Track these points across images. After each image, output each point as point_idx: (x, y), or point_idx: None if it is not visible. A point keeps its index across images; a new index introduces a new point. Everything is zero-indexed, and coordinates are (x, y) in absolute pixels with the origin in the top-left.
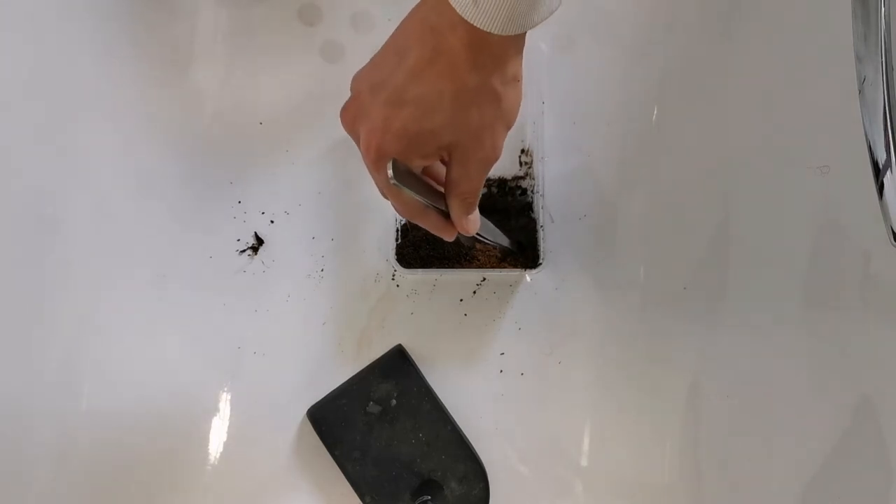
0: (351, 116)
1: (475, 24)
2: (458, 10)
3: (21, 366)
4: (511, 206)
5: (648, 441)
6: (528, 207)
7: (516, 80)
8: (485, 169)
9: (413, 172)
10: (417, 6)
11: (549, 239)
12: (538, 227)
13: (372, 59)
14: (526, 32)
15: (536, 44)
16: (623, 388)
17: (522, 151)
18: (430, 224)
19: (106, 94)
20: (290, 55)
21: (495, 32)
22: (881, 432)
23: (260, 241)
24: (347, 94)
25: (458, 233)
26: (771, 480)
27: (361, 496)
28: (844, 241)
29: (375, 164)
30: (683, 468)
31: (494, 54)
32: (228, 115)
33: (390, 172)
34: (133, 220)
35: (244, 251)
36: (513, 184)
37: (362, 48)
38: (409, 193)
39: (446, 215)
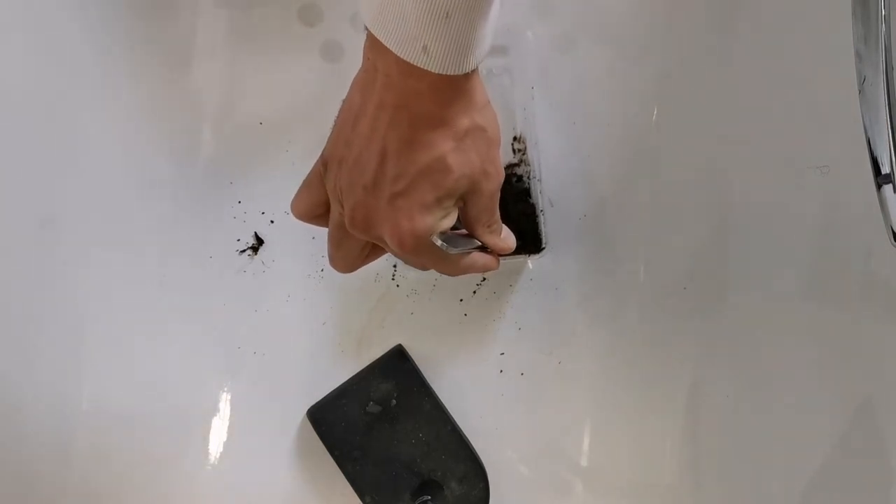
0: (362, 225)
1: (432, 70)
2: (411, 61)
3: (21, 366)
4: (508, 194)
5: (648, 441)
6: (526, 193)
7: (487, 102)
8: (496, 193)
9: (448, 233)
10: (361, 91)
11: (549, 240)
12: (538, 211)
13: (339, 158)
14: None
15: (523, 32)
16: (623, 388)
17: (515, 139)
18: (481, 265)
19: (106, 94)
20: (290, 55)
21: (455, 73)
22: (881, 432)
23: (260, 241)
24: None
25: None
26: (771, 480)
27: (361, 496)
28: (844, 242)
29: (416, 250)
30: (683, 468)
31: (462, 92)
32: (228, 114)
33: (439, 242)
34: (133, 220)
35: (244, 251)
36: (508, 171)
37: (362, 48)
38: (457, 252)
39: (481, 248)
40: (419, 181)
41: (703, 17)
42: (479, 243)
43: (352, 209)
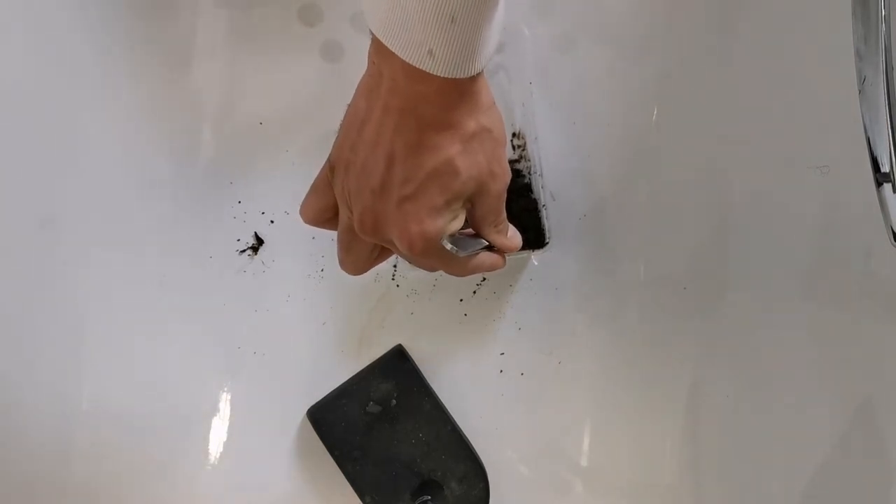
0: (371, 229)
1: (438, 74)
2: (417, 66)
3: (21, 366)
4: (510, 191)
5: (648, 441)
6: (527, 189)
7: (492, 103)
8: (504, 193)
9: (457, 235)
10: (366, 96)
11: (551, 235)
12: (540, 206)
13: (346, 162)
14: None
15: (519, 29)
16: (623, 388)
17: (514, 135)
18: (488, 265)
19: (106, 94)
20: (290, 55)
21: (460, 76)
22: (881, 432)
23: (260, 241)
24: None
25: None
26: (771, 480)
27: (361, 496)
28: (844, 242)
29: (426, 253)
30: (683, 468)
31: (468, 95)
32: (228, 114)
33: (450, 246)
34: (133, 220)
35: (244, 251)
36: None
37: (362, 48)
38: (466, 254)
39: (488, 248)
40: (427, 184)
41: (703, 17)
42: (487, 243)
43: (360, 213)
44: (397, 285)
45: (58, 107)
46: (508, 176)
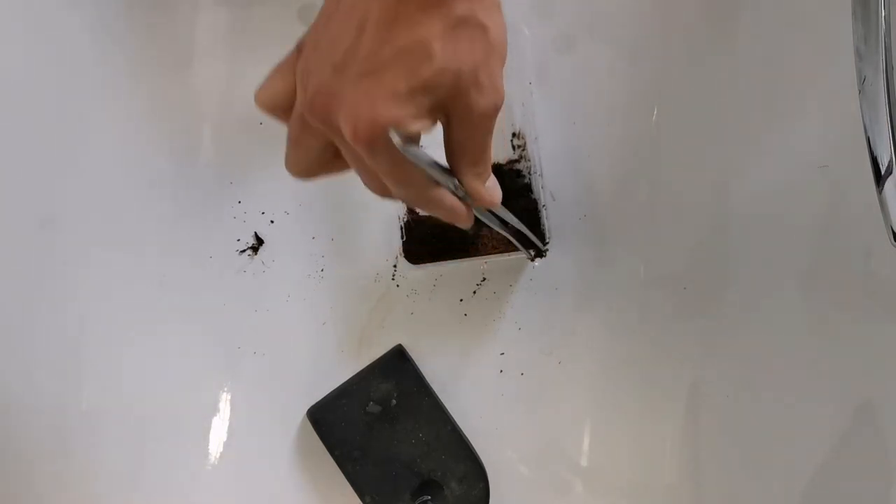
0: (320, 111)
1: None
2: None
3: (20, 366)
4: (510, 190)
5: (648, 441)
6: (527, 189)
7: (496, 5)
8: (491, 117)
9: (414, 142)
10: None
11: (551, 234)
12: (540, 206)
13: (315, 39)
14: None
15: (518, 27)
16: (623, 388)
17: (514, 135)
18: (446, 206)
19: (106, 94)
20: None
21: None
22: (882, 432)
23: (260, 241)
24: None
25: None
26: (771, 480)
27: (361, 496)
28: (844, 242)
29: (370, 143)
30: (683, 468)
31: None
32: (228, 114)
33: (397, 139)
34: (132, 220)
35: (244, 251)
36: (507, 167)
37: None
38: (420, 165)
39: (459, 197)
40: (393, 63)
41: (704, 16)
42: (455, 181)
43: (314, 92)
44: (397, 285)
45: (58, 107)
46: (500, 98)
